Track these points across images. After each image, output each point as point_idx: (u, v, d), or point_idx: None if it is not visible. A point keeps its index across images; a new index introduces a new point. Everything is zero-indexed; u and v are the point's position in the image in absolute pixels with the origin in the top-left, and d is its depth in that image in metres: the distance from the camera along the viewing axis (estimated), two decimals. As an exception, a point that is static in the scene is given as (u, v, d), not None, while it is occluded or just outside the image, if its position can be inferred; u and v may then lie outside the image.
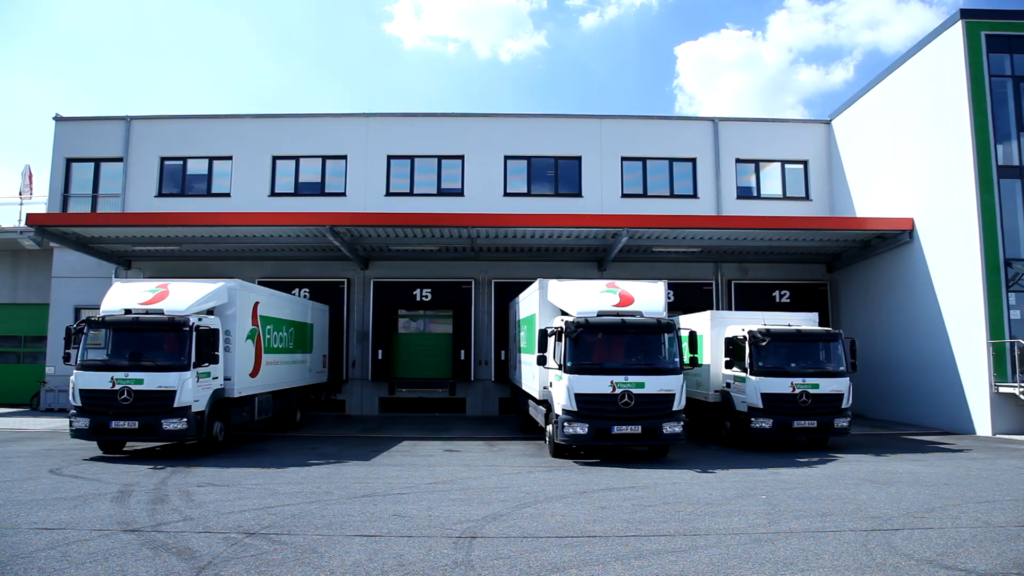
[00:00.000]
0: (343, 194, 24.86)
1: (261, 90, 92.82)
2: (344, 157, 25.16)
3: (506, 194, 25.00)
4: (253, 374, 15.71)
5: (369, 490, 10.34)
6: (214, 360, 13.86)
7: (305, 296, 22.57)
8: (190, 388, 13.14)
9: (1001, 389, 17.60)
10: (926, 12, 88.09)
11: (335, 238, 20.45)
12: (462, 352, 23.72)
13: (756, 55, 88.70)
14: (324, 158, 25.26)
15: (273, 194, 24.87)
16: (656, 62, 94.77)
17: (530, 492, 10.26)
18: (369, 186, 24.87)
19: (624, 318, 13.66)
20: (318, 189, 25.12)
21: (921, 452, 14.91)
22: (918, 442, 16.66)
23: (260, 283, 20.48)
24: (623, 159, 25.48)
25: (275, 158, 25.20)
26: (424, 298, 23.98)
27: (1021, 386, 17.21)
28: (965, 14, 19.13)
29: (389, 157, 25.21)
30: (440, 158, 25.32)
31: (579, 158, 25.35)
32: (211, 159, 25.28)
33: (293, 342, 18.54)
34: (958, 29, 19.15)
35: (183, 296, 14.01)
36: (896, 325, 21.55)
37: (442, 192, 25.12)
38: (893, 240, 21.31)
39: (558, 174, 25.40)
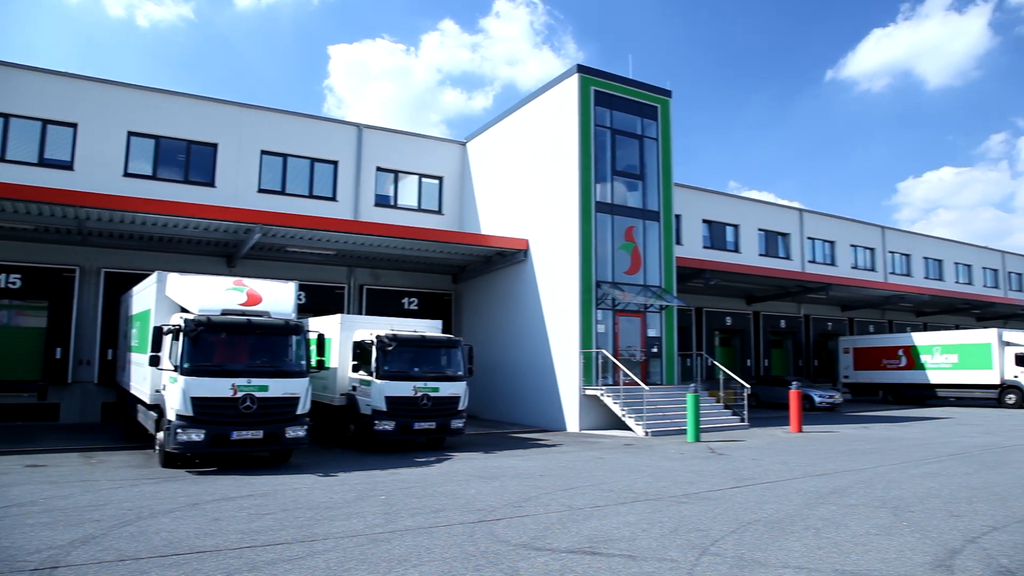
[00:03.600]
0: (-98, 150, 20.06)
1: None
2: (-94, 105, 20.31)
3: (127, 174, 22.37)
4: None
5: (-87, 518, 8.44)
6: None
7: None
8: None
9: (587, 391, 20.67)
10: (555, 60, 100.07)
11: None
12: (58, 350, 20.61)
13: (407, 69, 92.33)
14: None
15: None
16: (309, 58, 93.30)
17: (132, 508, 9.29)
18: (-58, 145, 20.40)
19: (250, 318, 13.16)
20: None
21: (523, 448, 16.74)
22: (521, 439, 18.69)
23: None
24: (263, 152, 24.54)
25: None
26: (11, 285, 20.32)
27: (602, 388, 20.43)
28: (581, 69, 22.17)
29: (-27, 113, 20.98)
30: (46, 122, 21.68)
31: (215, 145, 23.78)
32: None
33: None
34: (574, 81, 22.10)
35: None
36: (509, 334, 24.02)
37: (45, 163, 21.53)
38: (511, 257, 23.79)
39: (190, 159, 23.49)
